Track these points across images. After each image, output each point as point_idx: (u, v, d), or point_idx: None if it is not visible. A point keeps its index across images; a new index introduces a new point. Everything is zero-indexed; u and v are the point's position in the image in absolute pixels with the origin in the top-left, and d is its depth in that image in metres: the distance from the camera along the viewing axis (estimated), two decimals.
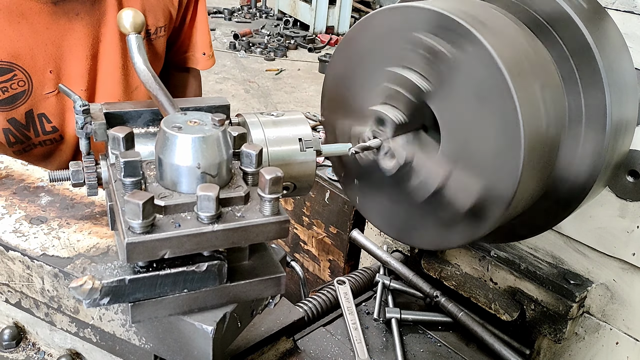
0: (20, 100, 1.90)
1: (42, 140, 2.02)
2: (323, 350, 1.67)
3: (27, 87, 1.90)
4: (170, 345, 1.07)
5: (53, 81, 1.94)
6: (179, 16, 2.23)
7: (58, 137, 2.04)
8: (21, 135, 1.97)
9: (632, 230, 1.50)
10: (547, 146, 1.22)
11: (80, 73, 1.98)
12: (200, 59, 2.40)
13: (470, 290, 1.79)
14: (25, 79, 1.88)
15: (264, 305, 1.13)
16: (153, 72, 1.15)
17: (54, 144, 2.06)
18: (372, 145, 1.29)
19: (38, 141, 2.01)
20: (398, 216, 1.40)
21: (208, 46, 2.41)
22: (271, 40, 11.16)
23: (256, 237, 0.98)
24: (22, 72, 1.86)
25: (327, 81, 1.49)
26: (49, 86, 1.94)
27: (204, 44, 2.39)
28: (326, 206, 2.46)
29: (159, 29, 2.13)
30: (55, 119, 2.00)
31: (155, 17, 2.09)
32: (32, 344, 1.31)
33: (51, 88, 1.94)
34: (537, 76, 1.20)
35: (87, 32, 1.94)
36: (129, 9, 1.18)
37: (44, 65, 1.90)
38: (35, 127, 1.97)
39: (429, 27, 1.20)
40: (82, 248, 1.16)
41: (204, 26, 2.36)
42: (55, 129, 2.01)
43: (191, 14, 2.29)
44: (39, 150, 2.04)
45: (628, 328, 1.61)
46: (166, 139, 0.97)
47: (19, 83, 1.87)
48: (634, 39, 1.40)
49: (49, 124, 1.98)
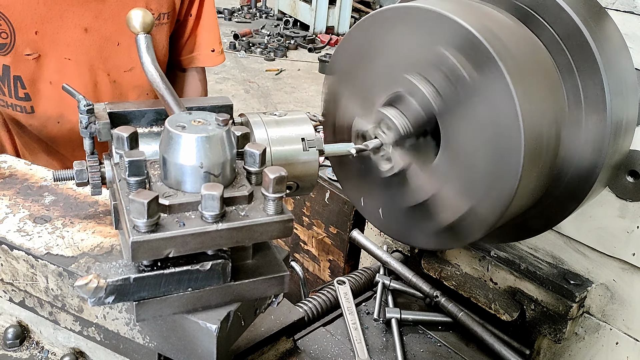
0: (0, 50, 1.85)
1: (13, 104, 1.98)
2: (323, 350, 1.67)
3: (9, 42, 1.84)
4: (174, 343, 1.07)
5: (36, 44, 1.88)
6: (182, 9, 2.20)
7: (29, 108, 1.99)
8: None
9: (632, 230, 1.51)
10: (543, 176, 1.24)
11: (66, 41, 1.93)
12: (208, 56, 2.36)
13: (470, 290, 1.80)
14: (8, 32, 1.83)
15: (267, 304, 1.14)
16: (161, 71, 1.16)
17: (24, 115, 2.01)
18: (372, 146, 1.30)
19: (11, 102, 1.97)
20: (395, 216, 1.41)
21: (217, 42, 2.37)
22: (271, 41, 11.17)
23: (260, 236, 0.98)
24: (7, 23, 1.82)
25: (339, 55, 1.45)
26: (31, 48, 1.88)
27: (212, 41, 2.35)
28: (326, 206, 2.47)
29: (162, 15, 2.10)
30: (30, 88, 1.95)
31: (159, 2, 2.06)
32: (35, 343, 1.31)
33: (32, 50, 1.88)
34: (545, 112, 1.20)
35: (83, 2, 1.89)
36: (138, 8, 1.18)
37: (31, 24, 1.84)
38: (9, 86, 1.93)
39: (454, 43, 1.16)
40: (86, 247, 1.17)
41: (211, 22, 2.32)
42: (27, 97, 1.96)
43: (197, 9, 2.25)
44: (12, 113, 2.00)
45: (628, 328, 1.61)
46: (170, 138, 0.98)
47: (2, 34, 1.83)
48: (634, 39, 1.40)
49: (22, 89, 1.94)
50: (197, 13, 2.26)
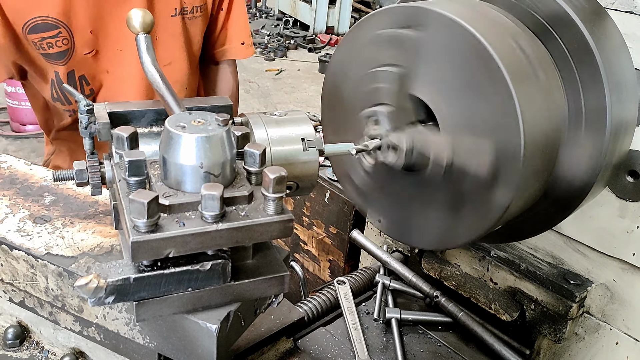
0: (63, 59, 1.96)
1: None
2: (323, 350, 1.67)
3: (70, 46, 1.96)
4: (174, 343, 1.07)
5: (92, 42, 1.99)
6: (215, 2, 2.25)
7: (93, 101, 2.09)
8: (63, 97, 2.04)
9: (632, 231, 1.51)
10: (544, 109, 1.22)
11: (117, 35, 2.02)
12: (240, 49, 2.42)
13: (470, 290, 1.80)
14: (69, 38, 1.94)
15: (267, 304, 1.14)
16: (161, 71, 1.16)
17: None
18: (372, 146, 1.30)
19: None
20: (408, 216, 1.40)
21: (247, 36, 2.43)
22: (271, 41, 11.17)
23: (260, 236, 0.98)
24: (66, 30, 1.92)
25: (326, 82, 1.50)
26: (89, 47, 1.99)
27: (243, 33, 2.40)
28: (326, 206, 2.47)
29: (196, 9, 2.16)
30: (93, 82, 2.06)
31: None
32: (35, 343, 1.31)
33: (90, 49, 2.00)
34: (544, 109, 1.21)
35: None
36: (138, 9, 1.18)
37: (85, 25, 1.95)
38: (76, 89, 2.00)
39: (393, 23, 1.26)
40: (86, 247, 1.17)
41: (241, 16, 2.38)
42: (92, 92, 2.08)
43: (228, 3, 2.31)
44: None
45: (628, 328, 1.61)
46: (170, 138, 0.98)
47: (63, 41, 1.93)
48: (634, 39, 1.40)
49: (87, 86, 2.05)
50: (228, 7, 2.32)
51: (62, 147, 2.36)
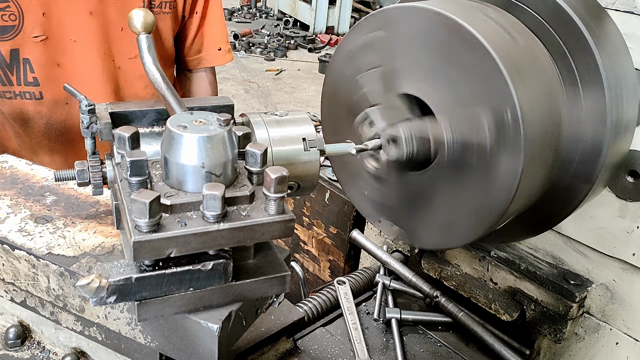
0: (8, 34, 1.87)
1: (22, 92, 1.98)
2: (323, 350, 1.67)
3: (18, 23, 1.86)
4: (175, 343, 1.07)
5: (44, 25, 1.90)
6: (187, 3, 2.18)
7: (38, 93, 2.00)
8: (4, 76, 1.95)
9: (632, 231, 1.51)
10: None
11: (72, 24, 1.95)
12: (216, 56, 2.34)
13: (470, 291, 1.80)
14: (17, 14, 1.85)
15: (268, 303, 1.14)
16: (162, 71, 1.16)
17: (33, 102, 2.01)
18: (372, 146, 1.30)
19: (19, 91, 1.98)
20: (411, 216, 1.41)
21: (224, 41, 2.35)
22: (271, 41, 11.17)
23: (261, 236, 0.99)
24: (15, 5, 1.84)
25: (327, 82, 1.52)
26: (39, 30, 1.90)
27: (220, 39, 2.33)
28: (326, 206, 2.47)
29: (164, 4, 2.09)
30: (39, 71, 1.96)
31: None
32: (37, 343, 1.31)
33: (40, 32, 1.91)
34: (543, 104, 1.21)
35: None
36: (139, 8, 1.18)
37: (39, 6, 1.87)
38: (19, 71, 1.95)
39: (368, 29, 1.35)
40: (87, 247, 1.17)
41: (218, 20, 2.30)
42: (36, 82, 1.97)
43: (203, 6, 2.23)
44: (19, 104, 2.00)
45: (628, 328, 1.61)
46: (172, 138, 0.98)
47: (10, 16, 1.85)
48: (634, 39, 1.40)
49: (31, 73, 1.95)
50: (203, 11, 2.24)
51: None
